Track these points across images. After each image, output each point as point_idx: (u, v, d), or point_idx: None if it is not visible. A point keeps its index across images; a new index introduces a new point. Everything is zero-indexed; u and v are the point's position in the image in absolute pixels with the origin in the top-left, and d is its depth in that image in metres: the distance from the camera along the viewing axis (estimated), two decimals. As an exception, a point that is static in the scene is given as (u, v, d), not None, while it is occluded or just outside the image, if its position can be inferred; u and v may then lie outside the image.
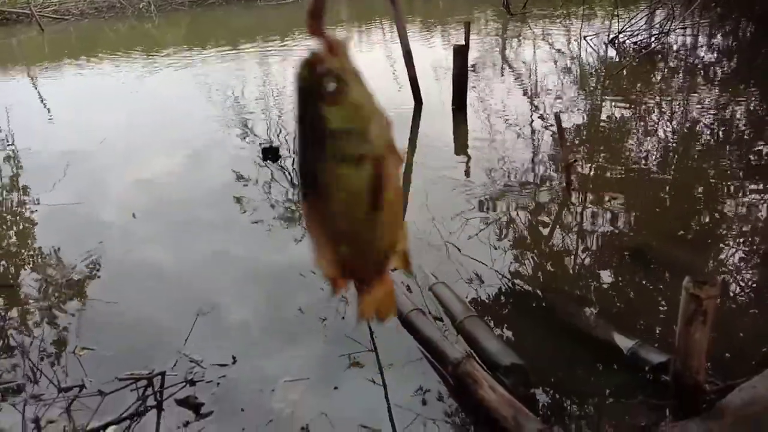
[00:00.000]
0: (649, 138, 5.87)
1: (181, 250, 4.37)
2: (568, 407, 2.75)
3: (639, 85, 7.54)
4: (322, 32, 0.60)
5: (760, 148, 5.29)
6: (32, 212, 5.13)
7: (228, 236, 4.47)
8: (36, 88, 9.98)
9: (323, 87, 0.61)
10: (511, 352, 2.81)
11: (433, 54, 9.58)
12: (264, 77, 9.68)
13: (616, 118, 6.51)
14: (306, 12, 0.59)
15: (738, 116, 6.37)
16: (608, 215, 4.43)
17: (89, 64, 11.30)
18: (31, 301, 3.82)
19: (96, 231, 4.63)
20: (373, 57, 10.08)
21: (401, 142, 5.96)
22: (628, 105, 6.80)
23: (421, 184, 5.06)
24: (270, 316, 3.52)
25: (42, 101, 9.10)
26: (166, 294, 3.80)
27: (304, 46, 12.09)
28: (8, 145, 6.86)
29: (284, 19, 15.95)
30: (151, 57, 11.83)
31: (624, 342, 2.87)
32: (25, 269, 4.28)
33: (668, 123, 6.32)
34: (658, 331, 3.14)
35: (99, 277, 4.04)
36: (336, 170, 0.67)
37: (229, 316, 3.50)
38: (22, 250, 4.61)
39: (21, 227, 5.00)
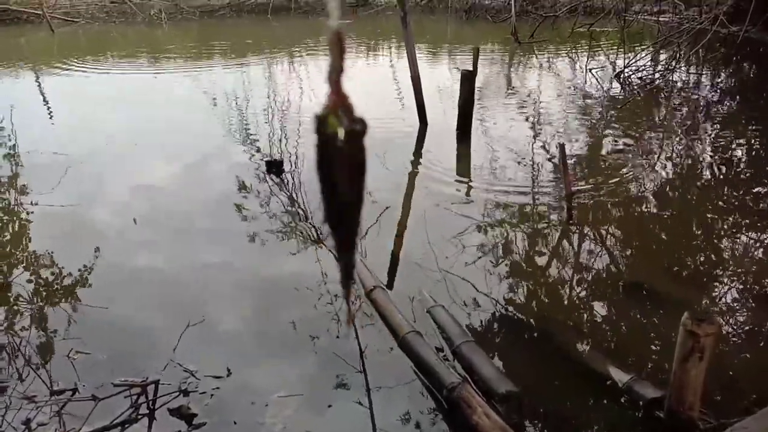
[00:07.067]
0: (649, 173, 5.92)
1: (178, 258, 4.36)
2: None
3: (642, 119, 7.61)
4: (340, 89, 0.74)
5: (759, 189, 5.33)
6: (29, 212, 5.10)
7: (225, 247, 4.47)
8: (41, 88, 10.02)
9: (356, 128, 0.76)
10: (506, 380, 2.81)
11: (440, 78, 9.66)
12: (270, 88, 9.73)
13: (618, 151, 6.56)
14: (327, 75, 0.71)
15: (739, 155, 6.43)
16: (606, 247, 4.46)
17: (96, 66, 11.36)
18: (22, 301, 3.80)
19: (93, 234, 4.63)
20: (380, 78, 10.15)
21: (406, 161, 6.06)
22: (630, 139, 6.86)
23: (421, 206, 5.09)
24: (265, 330, 3.51)
25: (45, 101, 9.13)
26: (161, 302, 3.78)
27: (310, 57, 12.22)
28: (9, 143, 6.86)
29: (292, 32, 16.08)
30: (158, 63, 11.92)
31: (619, 375, 2.88)
32: (18, 269, 4.24)
33: (669, 159, 6.37)
34: (650, 366, 3.15)
35: (93, 280, 4.01)
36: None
37: (223, 327, 3.49)
38: (16, 250, 4.58)
39: (17, 227, 4.98)
